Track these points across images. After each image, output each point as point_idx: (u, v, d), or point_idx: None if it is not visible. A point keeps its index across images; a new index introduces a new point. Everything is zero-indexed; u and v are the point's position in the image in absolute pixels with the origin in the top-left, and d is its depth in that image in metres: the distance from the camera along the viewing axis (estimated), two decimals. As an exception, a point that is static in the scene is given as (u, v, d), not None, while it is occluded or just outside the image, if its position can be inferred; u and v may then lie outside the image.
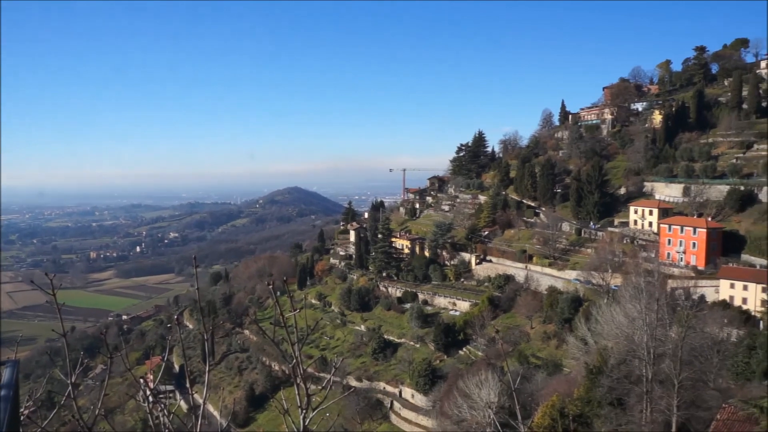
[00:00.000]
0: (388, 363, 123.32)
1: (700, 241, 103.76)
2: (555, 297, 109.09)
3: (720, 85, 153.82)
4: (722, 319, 73.96)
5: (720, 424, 42.92)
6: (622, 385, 50.45)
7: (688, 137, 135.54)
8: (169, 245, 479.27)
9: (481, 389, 68.85)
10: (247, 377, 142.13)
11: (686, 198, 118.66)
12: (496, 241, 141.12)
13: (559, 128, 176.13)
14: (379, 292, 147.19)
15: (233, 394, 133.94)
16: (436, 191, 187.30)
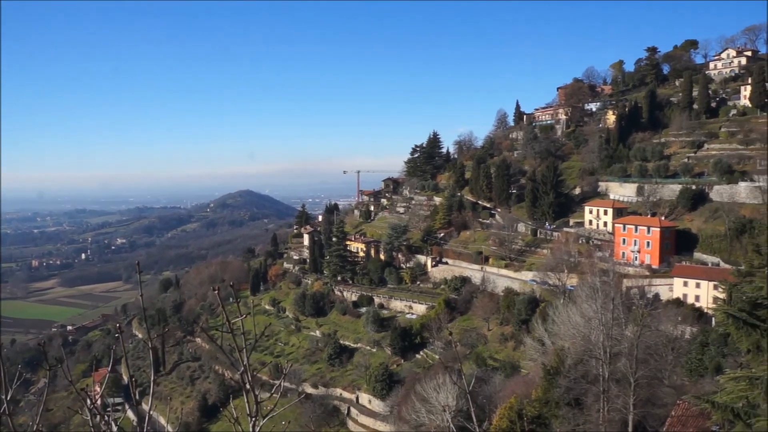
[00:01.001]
0: (344, 369, 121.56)
1: (653, 241, 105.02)
2: (512, 298, 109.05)
3: (671, 85, 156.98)
4: (676, 317, 74.56)
5: (675, 421, 42.70)
6: (580, 385, 49.95)
7: (641, 137, 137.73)
8: (116, 252, 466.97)
9: (439, 393, 67.87)
10: (199, 387, 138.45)
11: (640, 197, 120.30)
12: (452, 242, 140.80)
13: (513, 129, 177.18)
14: (334, 297, 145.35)
15: (185, 405, 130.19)
16: (391, 193, 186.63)
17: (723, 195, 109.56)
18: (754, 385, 18.44)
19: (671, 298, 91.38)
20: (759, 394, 18.37)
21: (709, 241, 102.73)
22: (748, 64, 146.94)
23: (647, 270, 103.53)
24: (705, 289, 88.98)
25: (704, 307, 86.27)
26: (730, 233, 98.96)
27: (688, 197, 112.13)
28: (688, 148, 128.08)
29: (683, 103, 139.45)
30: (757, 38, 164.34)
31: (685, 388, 51.52)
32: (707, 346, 62.48)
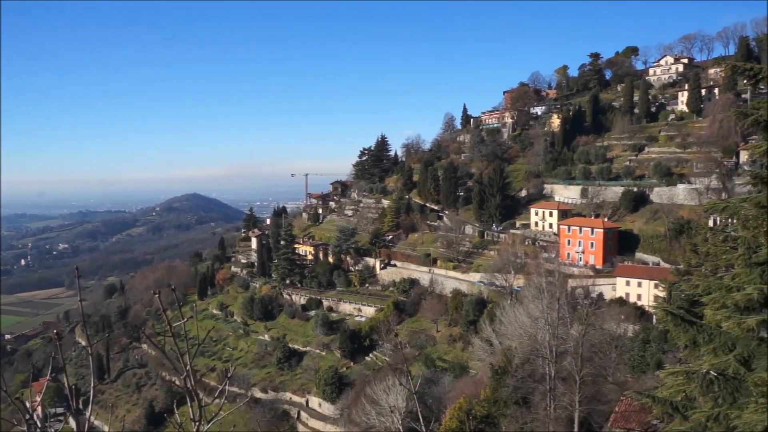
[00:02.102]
0: (293, 372, 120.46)
1: (597, 241, 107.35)
2: (460, 300, 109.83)
3: (613, 90, 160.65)
4: (619, 316, 76.14)
5: (618, 416, 43.58)
6: (527, 383, 50.52)
7: (584, 140, 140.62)
8: (58, 257, 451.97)
9: (389, 395, 67.68)
10: (146, 394, 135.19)
11: (584, 199, 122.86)
12: (400, 245, 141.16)
13: (461, 132, 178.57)
14: (282, 300, 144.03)
15: (131, 413, 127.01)
16: (339, 196, 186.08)
17: (663, 197, 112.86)
18: (691, 380, 18.87)
19: (614, 297, 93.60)
20: (696, 387, 18.81)
21: (650, 242, 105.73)
22: (685, 71, 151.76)
23: (591, 270, 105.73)
24: (646, 288, 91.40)
25: (646, 305, 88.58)
26: (669, 234, 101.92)
27: (629, 199, 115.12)
28: (630, 152, 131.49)
29: (625, 107, 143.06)
30: (692, 46, 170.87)
31: (628, 384, 52.62)
32: (649, 343, 64.23)
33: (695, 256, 46.94)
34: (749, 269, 19.01)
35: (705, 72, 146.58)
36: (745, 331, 18.45)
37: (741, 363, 18.25)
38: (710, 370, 18.32)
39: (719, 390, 18.16)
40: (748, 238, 19.03)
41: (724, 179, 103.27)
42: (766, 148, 18.44)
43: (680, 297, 45.44)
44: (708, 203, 24.04)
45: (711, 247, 33.19)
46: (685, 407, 19.94)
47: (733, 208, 19.40)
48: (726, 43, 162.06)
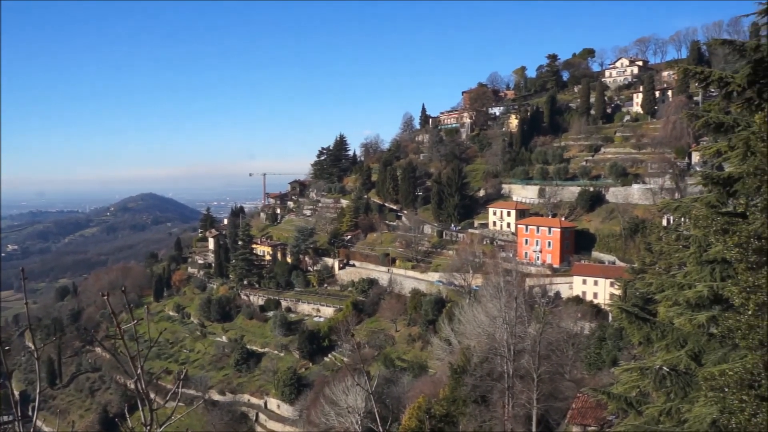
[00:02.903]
0: (252, 374, 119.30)
1: (554, 241, 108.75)
2: (418, 299, 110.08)
3: (570, 91, 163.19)
4: (576, 314, 77.47)
5: (575, 413, 44.23)
6: (485, 382, 50.86)
7: (542, 141, 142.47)
8: (6, 259, 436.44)
9: (348, 395, 67.41)
10: (100, 398, 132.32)
11: (541, 199, 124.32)
12: (359, 245, 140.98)
13: (419, 132, 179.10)
14: (240, 301, 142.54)
15: (84, 418, 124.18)
16: (298, 196, 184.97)
17: (618, 197, 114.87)
18: (645, 375, 19.17)
19: (571, 296, 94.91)
20: (649, 383, 19.11)
21: (606, 241, 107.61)
22: (639, 73, 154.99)
23: (548, 269, 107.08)
24: (602, 287, 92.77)
25: (602, 303, 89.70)
26: (624, 233, 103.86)
27: (586, 199, 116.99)
28: (586, 152, 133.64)
29: (581, 108, 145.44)
30: (647, 49, 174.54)
31: (584, 381, 53.39)
32: (604, 340, 65.18)
33: (649, 254, 47.98)
34: (700, 267, 19.40)
35: (659, 74, 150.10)
36: (696, 327, 18.81)
37: (692, 358, 18.59)
38: (663, 366, 18.61)
39: (671, 385, 18.47)
40: (699, 237, 19.42)
41: (677, 179, 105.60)
42: (716, 150, 18.82)
43: (635, 295, 46.36)
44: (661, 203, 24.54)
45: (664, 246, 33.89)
46: (639, 403, 20.25)
47: (685, 207, 19.76)
48: (678, 46, 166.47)
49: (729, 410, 11.67)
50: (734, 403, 11.45)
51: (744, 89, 17.33)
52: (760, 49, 16.73)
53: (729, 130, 17.72)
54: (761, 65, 16.91)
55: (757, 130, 13.19)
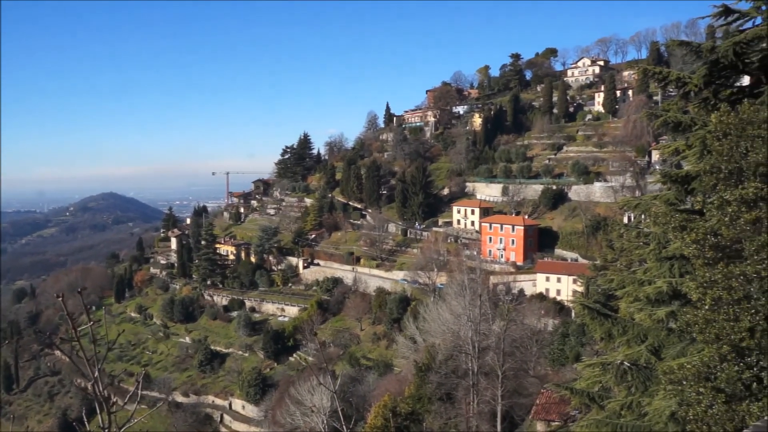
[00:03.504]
0: (216, 375, 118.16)
1: (518, 239, 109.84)
2: (383, 298, 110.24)
3: (533, 90, 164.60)
4: (540, 311, 78.31)
5: (539, 409, 44.75)
6: (450, 379, 51.07)
7: (505, 139, 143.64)
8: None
9: (314, 395, 67.15)
10: (59, 403, 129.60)
11: (505, 197, 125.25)
12: (324, 244, 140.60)
13: (384, 130, 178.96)
14: (204, 302, 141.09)
15: (43, 423, 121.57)
16: (261, 195, 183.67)
17: (580, 194, 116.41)
18: (607, 371, 19.46)
19: (535, 293, 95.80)
20: (611, 378, 19.42)
21: (569, 238, 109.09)
22: (601, 73, 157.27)
23: (512, 267, 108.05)
24: (565, 284, 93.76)
25: (565, 300, 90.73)
26: (586, 230, 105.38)
27: (549, 197, 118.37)
28: (549, 150, 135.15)
29: (544, 107, 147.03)
30: (608, 49, 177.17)
31: (548, 377, 54.07)
32: (568, 336, 65.95)
33: (611, 251, 48.67)
34: (659, 263, 19.77)
35: (620, 74, 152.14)
36: (656, 323, 19.17)
37: (652, 353, 18.95)
38: (624, 361, 18.93)
39: (632, 379, 18.79)
40: (658, 234, 19.78)
41: (637, 177, 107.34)
42: (674, 148, 19.20)
43: (597, 291, 47.03)
44: (622, 201, 24.88)
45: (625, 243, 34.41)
46: (601, 397, 20.57)
47: (645, 205, 20.11)
48: (639, 47, 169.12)
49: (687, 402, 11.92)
50: (692, 395, 11.69)
51: (701, 89, 17.72)
52: (715, 51, 17.11)
53: (687, 129, 18.10)
54: (716, 66, 17.31)
55: (713, 130, 13.48)
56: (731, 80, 18.33)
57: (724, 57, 16.89)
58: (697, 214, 15.28)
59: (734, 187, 12.56)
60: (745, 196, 12.02)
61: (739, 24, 17.84)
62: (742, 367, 11.51)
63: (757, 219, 11.83)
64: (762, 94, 16.58)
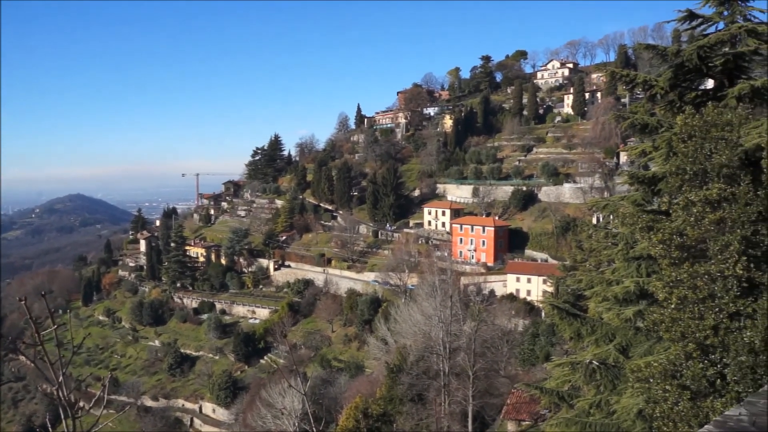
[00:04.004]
0: (186, 378, 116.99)
1: (488, 239, 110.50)
2: (354, 299, 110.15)
3: (503, 92, 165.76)
4: (510, 311, 78.82)
5: (510, 408, 45.06)
6: (422, 380, 51.18)
7: (476, 141, 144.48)
8: None
9: (285, 397, 66.79)
10: (24, 409, 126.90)
11: (476, 198, 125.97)
12: (294, 245, 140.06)
13: (355, 132, 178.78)
14: (173, 304, 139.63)
15: (6, 430, 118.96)
16: (232, 196, 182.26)
17: (550, 196, 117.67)
18: (576, 370, 19.65)
19: (505, 294, 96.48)
20: (580, 377, 19.61)
21: (539, 239, 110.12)
22: (570, 75, 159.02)
23: (483, 268, 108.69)
24: (535, 284, 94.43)
25: (535, 300, 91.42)
26: (556, 231, 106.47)
27: (519, 198, 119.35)
28: (519, 152, 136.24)
29: (514, 109, 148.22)
30: (577, 52, 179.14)
31: (518, 377, 54.41)
32: (538, 336, 66.42)
33: (580, 252, 49.09)
34: (627, 263, 20.04)
35: (588, 77, 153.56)
36: (624, 322, 19.41)
37: (620, 351, 19.18)
38: (593, 360, 19.14)
39: (601, 378, 19.00)
40: (626, 234, 20.05)
41: (606, 179, 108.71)
42: (641, 150, 19.49)
43: (566, 291, 47.36)
44: (591, 201, 25.20)
45: (594, 244, 34.83)
46: (571, 396, 20.78)
47: (613, 206, 20.36)
48: (607, 49, 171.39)
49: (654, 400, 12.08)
50: (658, 393, 11.86)
51: (667, 92, 18.01)
52: (680, 55, 17.41)
53: (653, 131, 18.38)
54: (681, 70, 17.62)
55: (678, 132, 13.71)
56: (696, 83, 18.68)
57: (688, 61, 17.20)
58: (663, 215, 15.51)
59: (699, 188, 12.79)
60: (710, 197, 12.25)
61: (703, 28, 18.21)
62: (706, 365, 11.72)
63: (720, 219, 12.06)
64: (725, 97, 16.92)
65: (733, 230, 11.97)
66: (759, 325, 11.54)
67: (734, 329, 11.69)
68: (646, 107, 19.83)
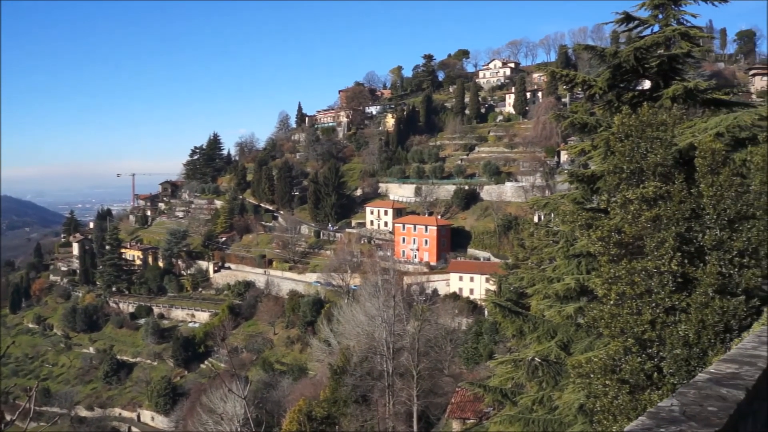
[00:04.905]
0: (123, 386, 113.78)
1: (431, 239, 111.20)
2: (297, 301, 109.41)
3: (446, 91, 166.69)
4: (453, 310, 79.46)
5: (454, 407, 45.39)
6: (366, 381, 51.07)
7: (418, 140, 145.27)
8: None
9: (226, 402, 65.67)
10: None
11: (418, 198, 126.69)
12: (235, 247, 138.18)
13: (296, 131, 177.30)
14: (109, 309, 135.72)
15: None
16: (170, 197, 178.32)
17: (492, 194, 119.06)
18: (519, 367, 19.86)
19: (448, 293, 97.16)
20: (522, 374, 19.81)
21: (481, 238, 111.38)
22: (511, 75, 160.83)
23: (426, 267, 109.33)
24: (478, 283, 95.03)
25: (478, 299, 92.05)
26: (498, 230, 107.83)
27: (461, 197, 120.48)
28: (461, 151, 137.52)
29: (456, 108, 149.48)
30: (518, 52, 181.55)
31: (463, 375, 54.87)
32: (481, 335, 67.03)
33: (522, 250, 49.79)
34: (568, 261, 20.36)
35: (530, 76, 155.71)
36: (565, 319, 19.70)
37: (561, 348, 19.47)
38: (535, 357, 19.36)
39: (543, 375, 19.24)
40: (566, 232, 20.37)
41: (547, 177, 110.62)
42: (581, 149, 19.83)
43: (509, 290, 47.92)
44: (532, 200, 25.47)
45: (535, 242, 35.38)
46: (514, 393, 20.98)
47: (554, 204, 20.65)
48: (548, 50, 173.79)
49: (594, 395, 12.21)
50: (599, 387, 11.99)
51: (605, 92, 18.37)
52: (618, 56, 17.77)
53: (592, 130, 18.72)
54: (619, 70, 18.00)
55: (615, 131, 13.95)
56: (633, 84, 19.13)
57: (626, 62, 17.57)
58: (602, 213, 15.78)
59: (636, 186, 13.02)
60: (646, 195, 12.48)
61: (639, 30, 18.66)
62: (644, 359, 11.91)
63: (656, 216, 12.30)
64: (660, 97, 17.36)
65: (668, 227, 12.22)
66: (693, 319, 11.82)
67: (670, 323, 11.94)
68: (586, 107, 20.18)
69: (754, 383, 7.01)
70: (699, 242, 12.61)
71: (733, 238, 12.35)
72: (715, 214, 12.47)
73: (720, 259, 12.27)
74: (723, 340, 11.72)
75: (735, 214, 12.42)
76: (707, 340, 11.67)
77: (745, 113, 16.01)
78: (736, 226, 12.46)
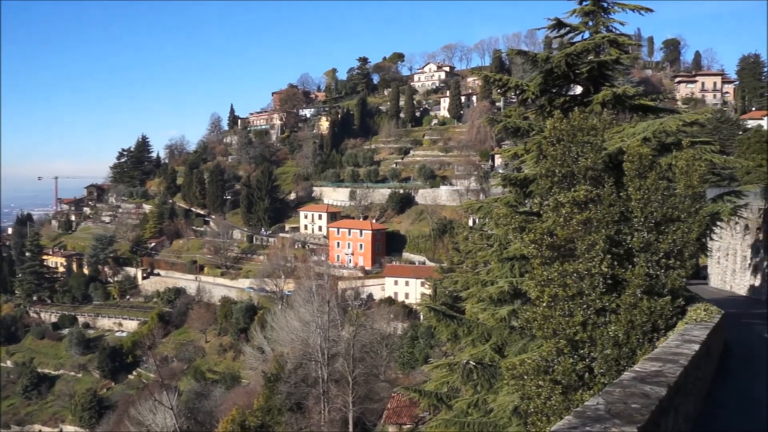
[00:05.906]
0: (44, 400, 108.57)
1: (366, 243, 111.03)
2: (229, 307, 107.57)
3: (381, 94, 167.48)
4: (389, 315, 79.49)
5: (390, 413, 45.44)
6: (300, 389, 50.66)
7: (353, 143, 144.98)
8: None
9: (156, 414, 63.80)
10: None
11: (353, 202, 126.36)
12: (164, 252, 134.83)
13: (228, 133, 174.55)
14: (29, 320, 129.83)
15: None
16: (95, 201, 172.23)
17: (427, 198, 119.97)
18: (454, 371, 19.92)
19: (384, 297, 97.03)
20: (458, 378, 19.90)
21: (416, 242, 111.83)
22: (446, 79, 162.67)
23: (361, 271, 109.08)
24: (413, 287, 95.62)
25: (413, 303, 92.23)
26: (433, 233, 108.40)
27: (396, 201, 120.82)
28: (396, 155, 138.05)
29: (391, 111, 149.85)
30: (453, 55, 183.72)
31: (399, 380, 54.91)
32: (417, 339, 67.11)
33: (457, 254, 50.17)
34: (501, 264, 20.57)
35: (464, 80, 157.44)
36: (499, 321, 19.89)
37: (496, 351, 19.63)
38: (470, 360, 19.45)
39: (478, 378, 19.35)
40: (500, 235, 20.59)
41: (481, 181, 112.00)
42: (514, 152, 20.09)
43: (444, 293, 48.23)
44: (466, 203, 25.67)
45: (470, 245, 35.73)
46: (450, 397, 21.04)
47: (488, 207, 20.84)
48: (483, 54, 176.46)
49: (528, 396, 12.30)
50: (532, 389, 12.09)
51: (537, 97, 18.69)
52: (550, 61, 18.09)
53: (525, 134, 19.00)
54: (551, 75, 18.32)
55: (547, 135, 14.13)
56: (564, 89, 19.53)
57: (557, 67, 17.90)
58: (535, 216, 15.97)
59: (567, 189, 13.20)
60: (577, 198, 12.65)
61: (570, 37, 19.07)
62: (576, 359, 12.08)
63: (587, 219, 12.48)
64: (591, 102, 17.75)
65: (599, 230, 12.43)
66: (622, 320, 12.06)
67: (601, 324, 12.15)
68: (519, 111, 20.47)
69: (675, 380, 7.28)
70: (628, 244, 12.89)
71: (659, 240, 12.68)
72: (643, 217, 12.77)
73: (647, 260, 12.58)
74: (651, 340, 12.00)
75: (661, 217, 12.76)
76: (636, 340, 11.93)
77: (670, 119, 16.53)
78: (662, 229, 12.80)
